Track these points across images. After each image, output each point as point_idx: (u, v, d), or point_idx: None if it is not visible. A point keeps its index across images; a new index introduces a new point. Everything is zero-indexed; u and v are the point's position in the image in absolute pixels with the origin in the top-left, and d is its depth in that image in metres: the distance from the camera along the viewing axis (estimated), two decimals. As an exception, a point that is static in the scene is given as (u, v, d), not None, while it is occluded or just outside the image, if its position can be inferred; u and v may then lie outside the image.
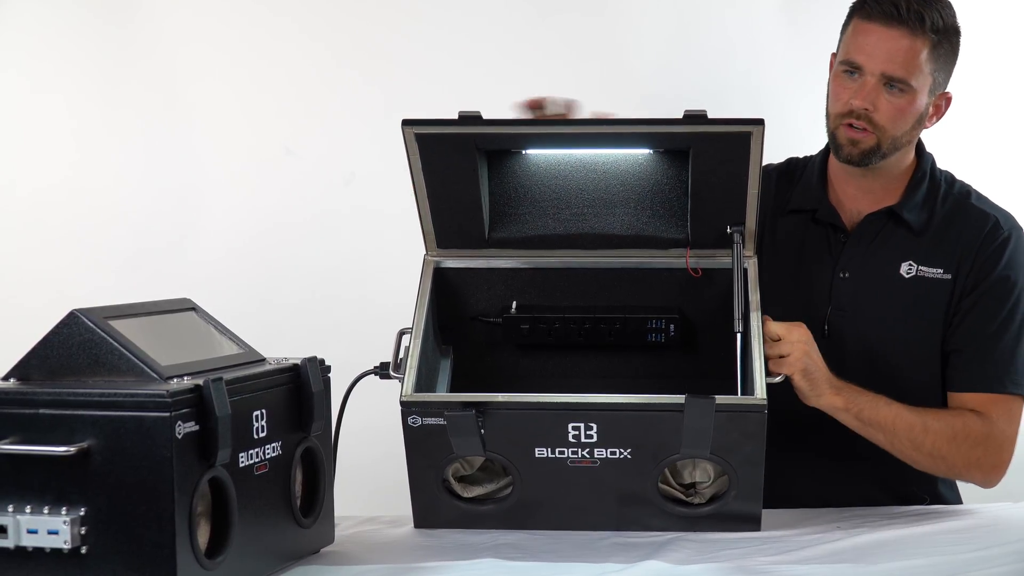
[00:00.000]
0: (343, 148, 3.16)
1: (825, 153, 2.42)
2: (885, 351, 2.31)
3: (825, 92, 2.34)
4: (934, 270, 2.30)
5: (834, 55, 2.35)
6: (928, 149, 2.40)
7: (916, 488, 2.35)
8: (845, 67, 2.26)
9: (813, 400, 2.12)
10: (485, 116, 2.07)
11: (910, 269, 2.31)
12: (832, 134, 2.30)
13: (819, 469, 2.35)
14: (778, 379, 2.05)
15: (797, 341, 2.07)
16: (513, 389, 2.25)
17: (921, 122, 2.29)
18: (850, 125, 2.26)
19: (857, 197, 2.36)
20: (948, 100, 2.31)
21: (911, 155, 2.35)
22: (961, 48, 2.29)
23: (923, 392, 2.30)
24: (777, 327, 2.08)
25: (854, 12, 2.29)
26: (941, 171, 2.38)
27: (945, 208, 2.34)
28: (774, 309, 2.11)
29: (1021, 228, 2.34)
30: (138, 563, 1.59)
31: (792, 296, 2.30)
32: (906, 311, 2.30)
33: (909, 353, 2.31)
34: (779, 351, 2.07)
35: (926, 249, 2.31)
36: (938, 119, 2.32)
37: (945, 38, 2.24)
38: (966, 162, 2.50)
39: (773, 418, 1.97)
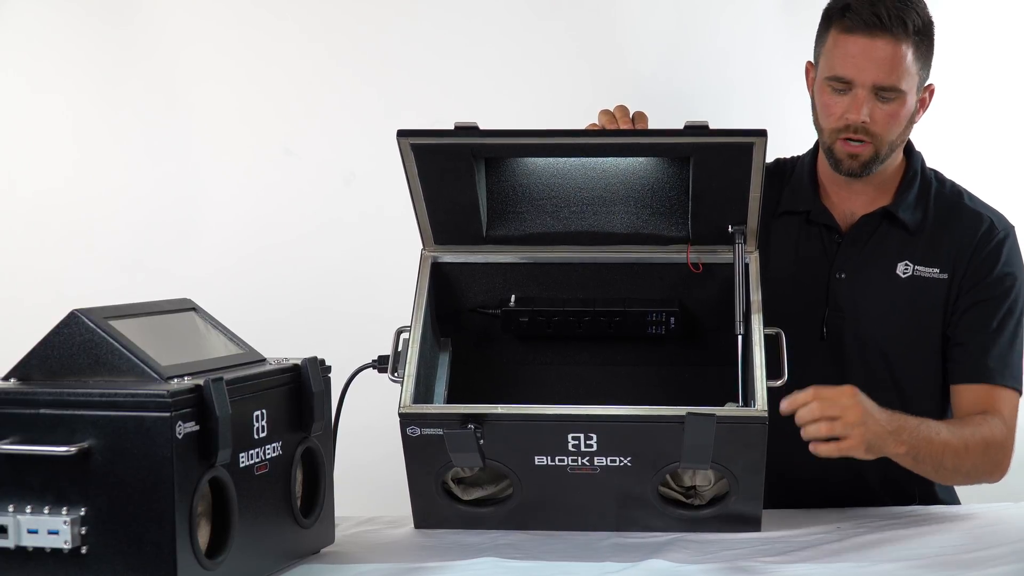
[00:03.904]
0: (343, 148, 3.16)
1: (814, 153, 2.42)
2: (884, 352, 2.31)
3: (810, 103, 2.34)
4: (930, 270, 2.31)
5: (810, 63, 2.35)
6: (926, 151, 2.41)
7: (914, 488, 2.35)
8: (833, 83, 2.25)
9: (873, 456, 2.06)
10: (483, 116, 2.07)
11: (906, 269, 2.32)
12: (829, 149, 2.30)
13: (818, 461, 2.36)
14: (780, 383, 2.04)
15: (855, 424, 1.99)
16: (513, 379, 2.25)
17: (912, 120, 2.29)
18: (847, 139, 2.26)
19: (850, 199, 2.37)
20: (931, 92, 2.32)
21: (901, 154, 2.35)
22: (959, 47, 2.29)
23: (922, 391, 2.31)
24: (824, 395, 1.99)
25: (831, 23, 2.27)
26: (931, 170, 2.39)
27: (938, 207, 2.34)
28: (771, 312, 2.10)
29: (1014, 228, 2.35)
30: (138, 563, 1.59)
31: (789, 298, 2.29)
32: (904, 311, 2.31)
33: (908, 353, 2.31)
34: (834, 430, 1.98)
35: (922, 249, 2.32)
36: (924, 112, 2.32)
37: (925, 35, 2.25)
38: (960, 162, 2.51)
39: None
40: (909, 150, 2.37)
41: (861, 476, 2.30)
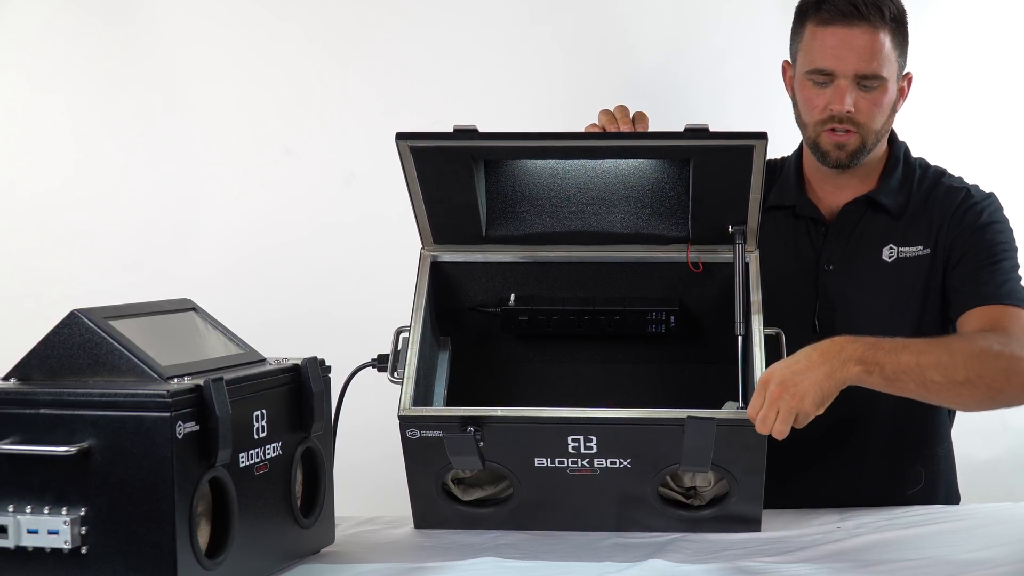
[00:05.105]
0: (343, 148, 3.16)
1: (800, 151, 2.43)
2: None
3: (791, 102, 2.35)
4: (913, 248, 2.31)
5: (787, 62, 2.35)
6: (929, 149, 2.41)
7: (918, 467, 2.35)
8: (815, 76, 2.25)
9: (830, 397, 1.94)
10: (482, 116, 2.07)
11: (891, 253, 2.32)
12: (814, 143, 2.30)
13: (821, 461, 2.36)
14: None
15: (787, 405, 1.88)
16: (512, 377, 2.25)
17: (894, 109, 2.30)
18: (832, 130, 2.26)
19: (835, 192, 2.37)
20: (910, 80, 2.32)
21: (885, 144, 2.36)
22: (956, 46, 2.29)
23: None
24: (754, 415, 1.90)
25: (806, 18, 2.27)
26: (916, 158, 2.39)
27: (921, 190, 2.35)
28: (764, 308, 2.10)
29: (994, 195, 2.34)
30: (138, 563, 1.60)
31: (780, 294, 2.29)
32: (892, 296, 2.31)
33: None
34: (787, 423, 1.89)
35: (904, 230, 2.32)
36: (904, 101, 2.33)
37: (901, 23, 2.26)
38: (955, 158, 2.51)
39: None
40: (892, 139, 2.38)
41: (867, 477, 2.30)
